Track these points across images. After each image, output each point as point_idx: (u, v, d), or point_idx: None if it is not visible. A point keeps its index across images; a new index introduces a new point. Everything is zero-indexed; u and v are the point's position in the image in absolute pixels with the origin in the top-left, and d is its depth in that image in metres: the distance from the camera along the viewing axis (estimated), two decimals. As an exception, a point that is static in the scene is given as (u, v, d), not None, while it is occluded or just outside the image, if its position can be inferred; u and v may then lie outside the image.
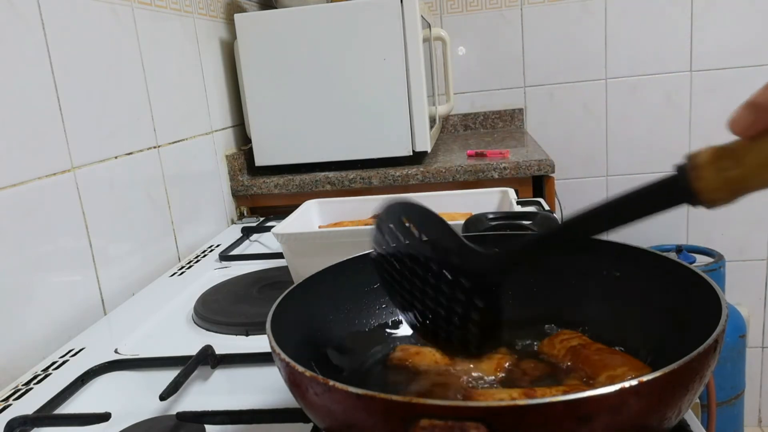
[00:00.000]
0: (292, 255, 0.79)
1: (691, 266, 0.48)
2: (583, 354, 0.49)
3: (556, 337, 0.53)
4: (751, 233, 1.99)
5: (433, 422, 0.32)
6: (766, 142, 0.32)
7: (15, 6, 0.76)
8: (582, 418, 0.32)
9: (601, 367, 0.47)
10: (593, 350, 0.50)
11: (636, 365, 0.46)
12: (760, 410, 2.13)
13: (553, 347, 0.52)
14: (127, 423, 0.55)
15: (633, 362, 0.47)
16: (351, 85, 1.36)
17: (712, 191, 0.34)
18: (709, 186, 0.34)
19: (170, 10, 1.17)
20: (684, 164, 0.35)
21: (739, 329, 1.77)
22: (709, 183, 0.34)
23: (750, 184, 0.33)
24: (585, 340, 0.51)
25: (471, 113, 2.02)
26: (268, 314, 0.47)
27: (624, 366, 0.46)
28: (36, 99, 0.79)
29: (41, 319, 0.77)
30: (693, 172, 0.34)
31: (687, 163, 0.35)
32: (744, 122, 0.32)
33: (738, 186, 0.33)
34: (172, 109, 1.14)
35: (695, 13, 1.88)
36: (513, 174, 1.33)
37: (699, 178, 0.34)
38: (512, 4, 1.93)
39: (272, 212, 1.39)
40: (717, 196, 0.34)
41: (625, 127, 1.98)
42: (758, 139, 0.32)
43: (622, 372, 0.46)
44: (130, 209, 0.98)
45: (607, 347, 0.50)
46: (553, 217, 0.72)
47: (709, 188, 0.34)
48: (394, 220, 0.49)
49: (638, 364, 0.47)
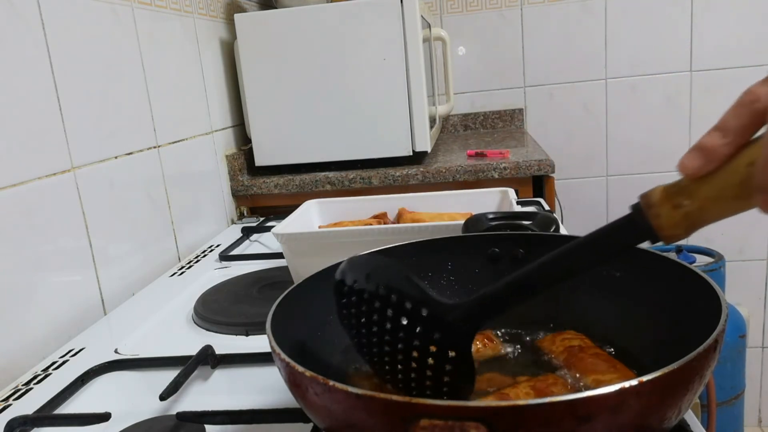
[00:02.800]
0: (292, 255, 0.79)
1: (691, 266, 0.48)
2: (578, 355, 0.49)
3: (559, 334, 0.53)
4: (751, 233, 2.00)
5: (433, 422, 0.32)
6: (716, 177, 0.34)
7: (15, 6, 0.76)
8: (582, 418, 0.32)
9: (591, 370, 0.47)
10: (589, 353, 0.49)
11: (627, 375, 0.46)
12: (760, 410, 2.13)
13: (553, 343, 0.52)
14: (127, 423, 0.55)
15: (625, 372, 0.46)
16: (351, 85, 1.36)
17: (671, 227, 0.36)
18: (668, 223, 0.36)
19: (170, 10, 1.17)
20: (639, 204, 0.37)
21: (739, 329, 1.77)
22: (667, 220, 0.36)
23: (705, 217, 0.35)
24: (586, 343, 0.51)
25: (471, 113, 2.02)
26: (268, 314, 0.47)
27: (613, 374, 0.46)
28: (36, 99, 0.79)
29: (41, 319, 0.77)
30: (650, 211, 0.36)
31: (642, 203, 0.37)
32: (693, 165, 0.34)
33: (694, 220, 0.35)
34: (172, 109, 1.14)
35: (695, 13, 1.88)
36: (513, 174, 1.33)
37: (657, 215, 0.36)
38: (512, 4, 1.93)
39: (272, 212, 1.39)
40: (675, 232, 0.36)
41: (625, 127, 1.98)
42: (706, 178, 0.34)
43: (609, 378, 0.45)
44: (130, 209, 0.98)
45: (605, 353, 0.50)
46: (553, 217, 0.72)
47: (668, 225, 0.36)
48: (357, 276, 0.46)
49: (630, 375, 0.46)
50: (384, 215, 0.93)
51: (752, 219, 1.97)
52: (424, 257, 0.62)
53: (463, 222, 0.73)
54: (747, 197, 0.34)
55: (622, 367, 0.47)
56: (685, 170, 0.35)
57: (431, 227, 0.76)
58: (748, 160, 0.33)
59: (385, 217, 0.93)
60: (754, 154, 0.33)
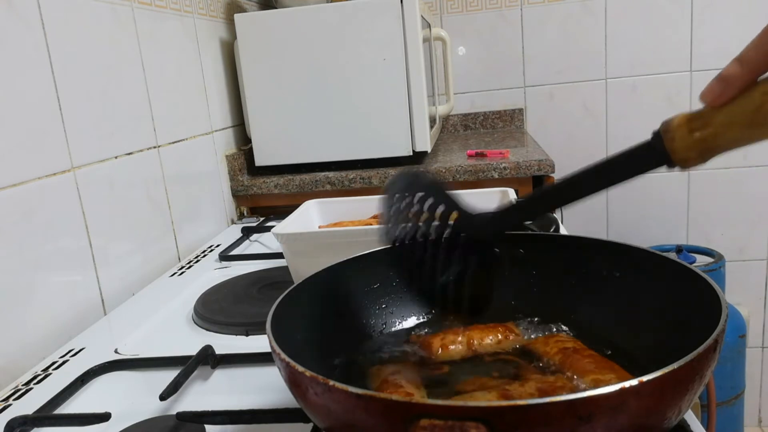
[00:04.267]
0: (292, 255, 0.79)
1: (691, 266, 0.48)
2: (574, 357, 0.49)
3: (551, 337, 0.53)
4: (751, 233, 1.99)
5: (433, 422, 0.32)
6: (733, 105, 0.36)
7: (15, 6, 0.76)
8: (582, 417, 0.32)
9: (589, 371, 0.47)
10: (585, 355, 0.49)
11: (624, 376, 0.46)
12: (760, 410, 2.13)
13: (546, 345, 0.52)
14: (127, 423, 0.55)
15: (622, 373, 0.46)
16: (351, 85, 1.36)
17: (684, 150, 0.37)
18: (682, 145, 0.37)
19: (170, 10, 1.17)
20: (659, 129, 0.39)
21: (739, 329, 1.77)
22: (681, 143, 0.37)
23: (718, 143, 0.37)
24: (580, 346, 0.51)
25: (471, 113, 2.02)
26: (268, 314, 0.47)
27: (611, 374, 0.46)
28: (36, 99, 0.79)
29: (41, 319, 0.77)
30: (667, 134, 0.38)
31: (662, 128, 0.38)
32: (713, 93, 0.36)
33: (707, 145, 0.37)
34: (172, 109, 1.14)
35: (695, 12, 1.88)
36: (513, 174, 1.33)
37: (672, 138, 0.37)
38: (512, 4, 1.93)
39: (272, 212, 1.39)
40: (689, 156, 0.37)
41: (625, 127, 1.98)
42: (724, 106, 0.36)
43: (608, 378, 0.45)
44: (130, 209, 0.98)
45: (599, 356, 0.50)
46: (553, 217, 0.72)
47: (682, 148, 0.37)
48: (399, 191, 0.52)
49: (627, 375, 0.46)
50: (384, 215, 0.93)
51: (752, 219, 1.97)
52: (424, 257, 0.62)
53: (463, 222, 0.73)
54: (760, 125, 0.35)
55: (618, 368, 0.47)
56: (705, 98, 0.37)
57: (431, 227, 0.76)
58: (763, 89, 0.35)
59: (385, 217, 0.93)
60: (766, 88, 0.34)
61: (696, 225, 2.01)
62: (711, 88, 0.36)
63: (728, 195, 1.97)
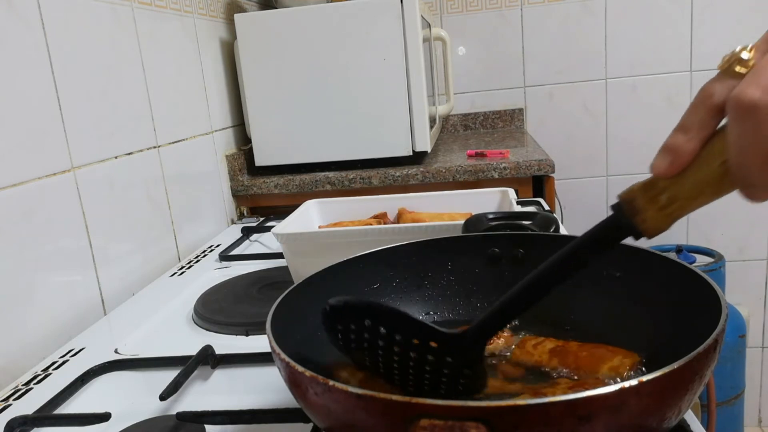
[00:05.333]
0: (292, 255, 0.79)
1: (691, 266, 0.48)
2: (569, 354, 0.49)
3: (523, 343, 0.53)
4: (751, 233, 1.99)
5: (433, 422, 0.32)
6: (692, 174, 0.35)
7: (15, 6, 0.76)
8: (582, 417, 0.32)
9: (597, 361, 0.47)
10: (576, 348, 0.50)
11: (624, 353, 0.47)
12: (760, 410, 2.13)
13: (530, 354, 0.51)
14: (127, 423, 0.55)
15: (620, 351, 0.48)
16: (351, 85, 1.36)
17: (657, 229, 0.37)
18: (654, 225, 0.37)
19: (170, 10, 1.17)
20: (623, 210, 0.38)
21: (739, 329, 1.77)
22: (653, 222, 0.37)
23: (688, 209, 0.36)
24: (557, 342, 0.52)
25: (471, 113, 2.02)
26: (268, 314, 0.47)
27: (617, 355, 0.47)
28: (36, 99, 0.79)
29: (41, 319, 0.77)
30: (637, 217, 0.37)
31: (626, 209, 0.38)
32: (663, 165, 0.35)
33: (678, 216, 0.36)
34: (172, 109, 1.14)
35: (695, 12, 1.88)
36: (513, 174, 1.33)
37: (644, 221, 0.37)
38: (512, 4, 1.93)
39: (272, 212, 1.39)
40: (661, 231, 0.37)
41: (625, 127, 1.98)
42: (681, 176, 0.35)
43: (619, 361, 0.46)
44: (130, 209, 0.98)
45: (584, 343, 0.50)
46: (553, 217, 0.72)
47: (655, 227, 0.37)
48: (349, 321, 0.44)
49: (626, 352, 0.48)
50: (384, 215, 0.93)
51: (752, 219, 1.97)
52: (424, 257, 0.62)
53: (463, 222, 0.73)
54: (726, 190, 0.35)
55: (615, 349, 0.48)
56: (657, 171, 0.36)
57: (431, 227, 0.76)
58: (719, 159, 0.34)
59: (385, 217, 0.93)
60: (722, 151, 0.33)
61: (696, 225, 2.01)
62: (660, 161, 0.35)
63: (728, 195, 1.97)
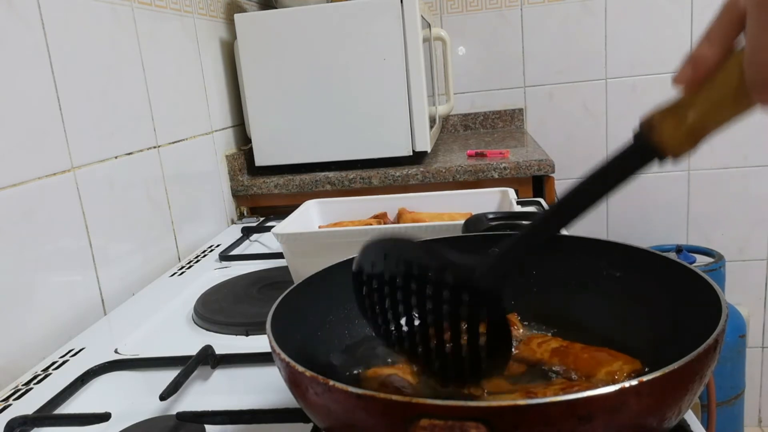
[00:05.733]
0: (292, 255, 0.79)
1: (691, 266, 0.48)
2: (570, 354, 0.49)
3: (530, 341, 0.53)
4: (751, 233, 1.99)
5: (433, 422, 0.32)
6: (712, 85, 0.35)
7: (15, 6, 0.76)
8: (582, 418, 0.32)
9: (596, 364, 0.47)
10: (578, 350, 0.50)
11: (626, 359, 0.47)
12: (760, 410, 2.13)
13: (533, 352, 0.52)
14: (127, 423, 0.55)
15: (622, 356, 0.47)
16: (351, 85, 1.36)
17: (677, 146, 0.36)
18: (672, 140, 0.36)
19: (170, 10, 1.17)
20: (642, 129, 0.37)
21: (739, 329, 1.77)
22: (670, 137, 0.36)
23: (707, 126, 0.35)
24: (562, 341, 0.52)
25: (471, 113, 2.02)
26: (268, 314, 0.47)
27: (617, 360, 0.47)
28: (36, 99, 0.79)
29: (41, 319, 0.77)
30: (652, 131, 0.37)
31: (644, 127, 0.37)
32: (687, 76, 0.35)
33: (698, 131, 0.36)
34: (172, 109, 1.14)
35: (695, 12, 1.88)
36: (513, 174, 1.33)
37: (660, 134, 0.36)
38: (512, 4, 1.93)
39: (272, 212, 1.39)
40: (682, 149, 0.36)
41: (625, 127, 1.97)
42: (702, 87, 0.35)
43: (618, 366, 0.46)
44: (130, 209, 0.98)
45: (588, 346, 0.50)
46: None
47: (672, 141, 0.36)
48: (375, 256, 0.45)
49: (628, 358, 0.47)
50: (384, 215, 0.93)
51: (752, 219, 1.97)
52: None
53: (463, 222, 0.73)
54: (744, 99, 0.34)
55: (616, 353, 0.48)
56: (680, 81, 0.36)
57: (431, 227, 0.76)
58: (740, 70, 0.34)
59: (385, 217, 0.93)
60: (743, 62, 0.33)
61: (696, 225, 2.01)
62: (683, 72, 0.35)
63: (728, 195, 1.97)
